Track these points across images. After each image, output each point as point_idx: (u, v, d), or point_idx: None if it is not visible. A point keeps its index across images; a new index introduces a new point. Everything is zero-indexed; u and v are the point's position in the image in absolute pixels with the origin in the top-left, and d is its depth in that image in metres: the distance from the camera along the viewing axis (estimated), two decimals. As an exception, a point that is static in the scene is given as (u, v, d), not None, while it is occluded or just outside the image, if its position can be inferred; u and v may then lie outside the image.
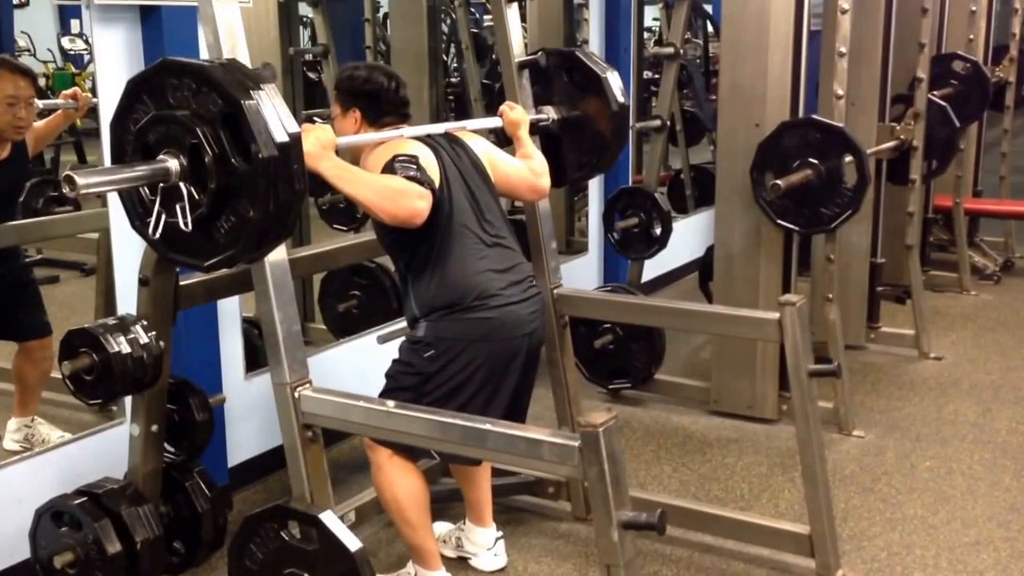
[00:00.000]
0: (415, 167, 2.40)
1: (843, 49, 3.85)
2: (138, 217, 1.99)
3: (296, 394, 2.23)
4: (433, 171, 2.48)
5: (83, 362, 2.31)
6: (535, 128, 2.95)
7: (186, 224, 1.88)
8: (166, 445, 2.59)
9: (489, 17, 5.99)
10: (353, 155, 2.58)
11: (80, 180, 1.76)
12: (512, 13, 3.13)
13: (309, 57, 5.42)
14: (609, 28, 4.98)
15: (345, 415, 2.27)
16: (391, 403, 2.33)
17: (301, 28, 5.67)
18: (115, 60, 2.82)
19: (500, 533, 2.91)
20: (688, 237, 5.67)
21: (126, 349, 2.32)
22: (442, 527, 2.96)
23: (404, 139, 2.53)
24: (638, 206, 4.36)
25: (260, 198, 1.83)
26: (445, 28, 6.24)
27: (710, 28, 7.57)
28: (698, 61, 8.09)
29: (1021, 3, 6.49)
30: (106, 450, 2.83)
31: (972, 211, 6.20)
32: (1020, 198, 6.98)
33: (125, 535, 2.41)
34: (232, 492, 3.25)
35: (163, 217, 1.91)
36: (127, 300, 2.67)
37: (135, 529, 2.42)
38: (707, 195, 5.81)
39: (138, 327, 2.35)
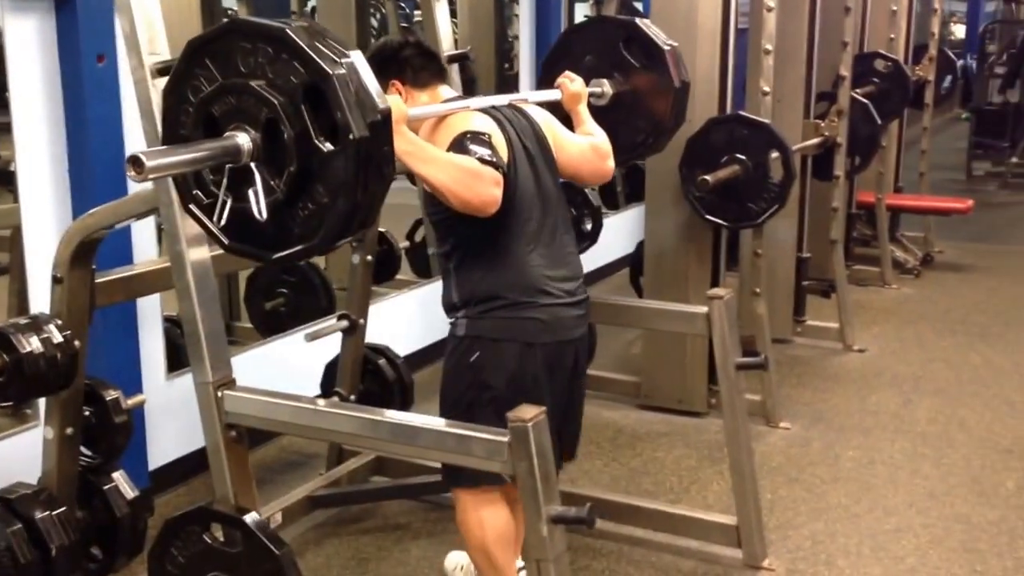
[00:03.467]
0: (489, 147, 2.17)
1: (769, 47, 3.91)
2: (193, 200, 1.76)
3: (219, 393, 2.17)
4: (503, 150, 2.26)
5: (-7, 363, 2.23)
6: (588, 103, 2.69)
7: (260, 212, 1.64)
8: (82, 448, 2.51)
9: (419, 12, 5.96)
10: (411, 127, 2.27)
11: (149, 162, 1.53)
12: (441, 8, 3.11)
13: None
14: (540, 24, 4.99)
15: (271, 414, 2.22)
16: (320, 401, 2.29)
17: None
18: (27, 52, 2.73)
19: (522, 563, 2.66)
20: (619, 233, 5.70)
21: (39, 349, 2.23)
22: (459, 556, 2.81)
23: (471, 111, 2.31)
24: (569, 202, 4.35)
25: (347, 184, 1.61)
26: (375, 23, 6.19)
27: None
28: (628, 58, 8.13)
29: (940, 4, 6.67)
30: (19, 454, 2.73)
31: (893, 207, 6.35)
32: (939, 194, 7.18)
33: (39, 542, 2.32)
34: (154, 496, 3.17)
35: (229, 203, 1.69)
36: (40, 299, 2.59)
37: (50, 535, 2.33)
38: (638, 191, 5.85)
39: (51, 326, 2.27)
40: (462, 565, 2.81)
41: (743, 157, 3.75)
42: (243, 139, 1.64)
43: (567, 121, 2.62)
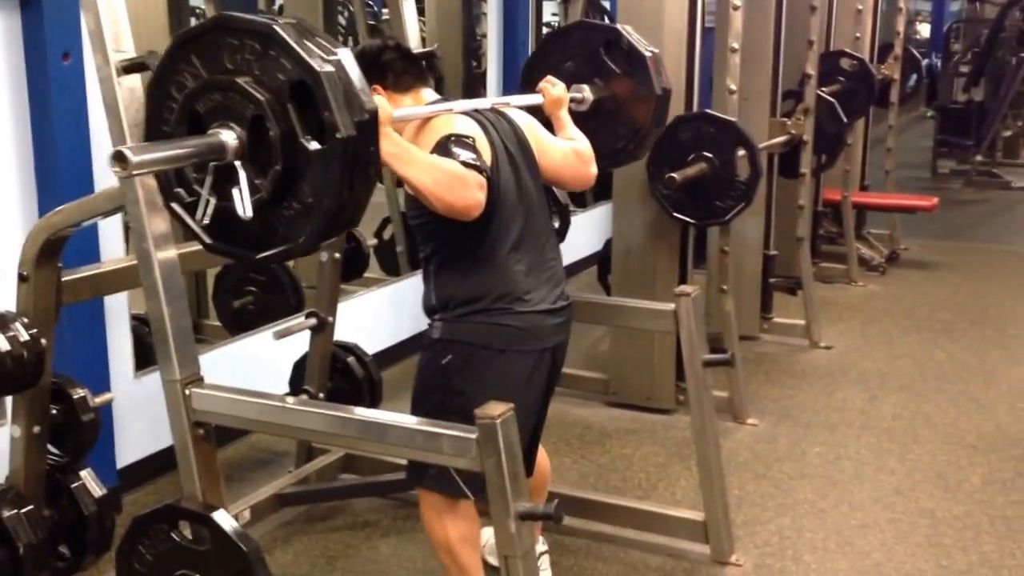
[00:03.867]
0: (473, 150, 2.16)
1: (735, 45, 3.94)
2: (174, 198, 1.75)
3: (187, 391, 2.16)
4: (486, 153, 2.26)
5: (-42, 361, 2.21)
6: (569, 108, 2.70)
7: (244, 210, 1.63)
8: (49, 447, 2.49)
9: (387, 10, 5.95)
10: (395, 129, 2.30)
11: (134, 158, 1.51)
12: (409, 6, 3.11)
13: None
14: (508, 22, 4.99)
15: (238, 412, 2.21)
16: (289, 399, 2.29)
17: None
18: (-9, 47, 2.71)
19: (545, 548, 2.78)
20: (587, 230, 5.72)
21: (5, 347, 2.22)
22: (486, 532, 2.78)
23: (454, 114, 2.31)
24: (538, 200, 4.37)
25: (333, 184, 1.60)
26: (343, 21, 6.16)
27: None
28: (598, 57, 8.14)
29: (905, 3, 6.75)
30: (-15, 454, 2.71)
31: (859, 204, 6.42)
32: (904, 192, 7.27)
33: (6, 540, 2.31)
34: (122, 494, 3.16)
35: (212, 201, 1.68)
36: (6, 297, 2.57)
37: (17, 534, 2.32)
38: (605, 189, 5.88)
39: (18, 324, 2.26)
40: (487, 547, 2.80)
41: (710, 155, 3.77)
42: (228, 136, 1.64)
43: (548, 126, 2.62)
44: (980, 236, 7.46)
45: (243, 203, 1.65)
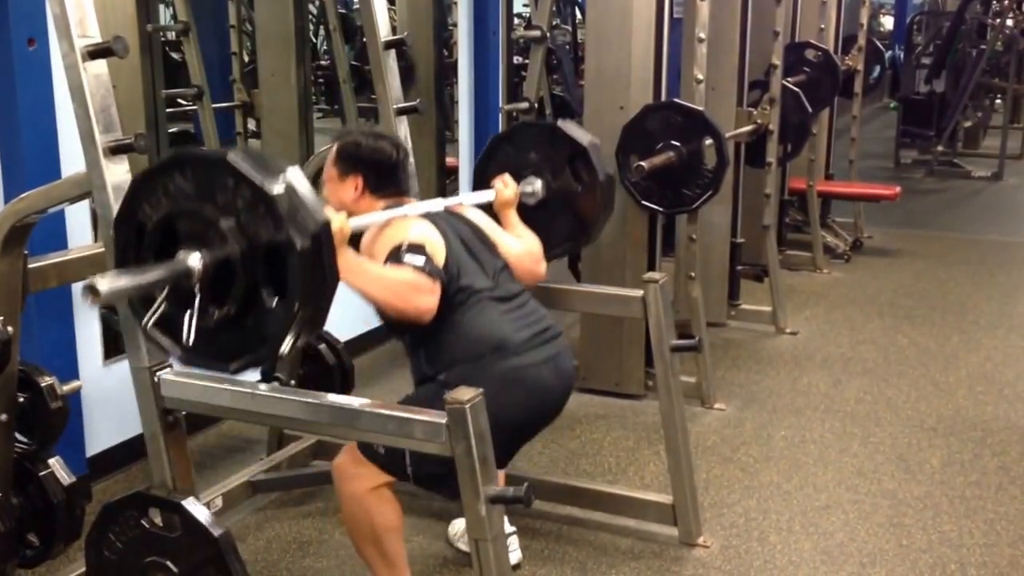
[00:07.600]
0: (423, 256, 2.30)
1: (702, 35, 3.97)
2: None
3: (156, 378, 2.16)
4: (439, 252, 2.38)
5: (-77, 350, 2.19)
6: (522, 203, 2.89)
7: (187, 337, 1.74)
8: (17, 435, 2.48)
9: (357, -2, 5.92)
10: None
11: (103, 287, 1.59)
12: (379, -6, 3.10)
13: (172, 35, 5.24)
14: (478, 11, 4.99)
15: (209, 399, 2.21)
16: (261, 386, 2.28)
17: (162, 6, 5.47)
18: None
19: (513, 529, 2.82)
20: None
21: (-29, 336, 2.21)
22: (460, 523, 2.87)
23: (409, 219, 2.43)
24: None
25: (279, 337, 1.72)
26: (313, 8, 6.13)
27: (579, 15, 7.67)
28: (567, 47, 8.19)
29: (868, -5, 6.82)
30: (-48, 443, 2.69)
31: (824, 193, 6.49)
32: (868, 181, 7.36)
33: (-27, 529, 2.30)
34: (92, 482, 3.14)
35: (161, 308, 1.76)
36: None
37: (-15, 523, 2.31)
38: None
39: (-16, 312, 2.25)
40: (459, 535, 2.87)
41: (678, 144, 3.80)
42: (195, 261, 1.71)
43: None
44: (941, 224, 7.57)
45: (188, 329, 1.74)
